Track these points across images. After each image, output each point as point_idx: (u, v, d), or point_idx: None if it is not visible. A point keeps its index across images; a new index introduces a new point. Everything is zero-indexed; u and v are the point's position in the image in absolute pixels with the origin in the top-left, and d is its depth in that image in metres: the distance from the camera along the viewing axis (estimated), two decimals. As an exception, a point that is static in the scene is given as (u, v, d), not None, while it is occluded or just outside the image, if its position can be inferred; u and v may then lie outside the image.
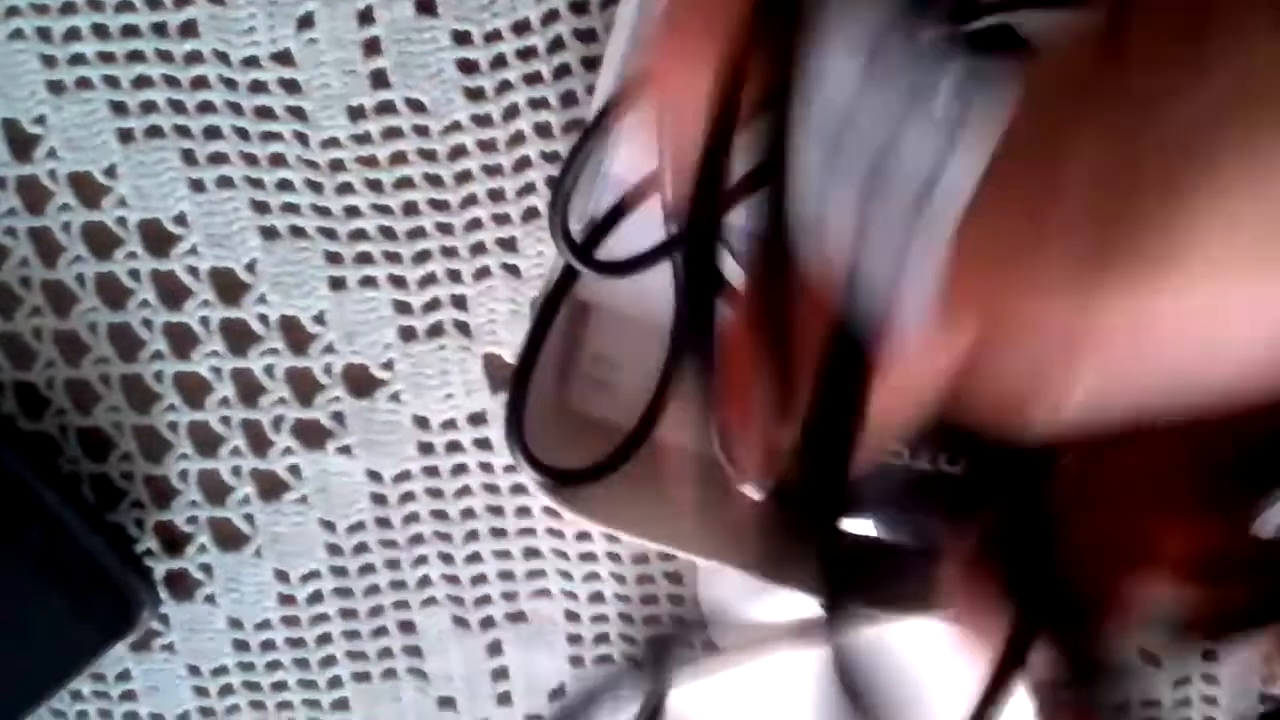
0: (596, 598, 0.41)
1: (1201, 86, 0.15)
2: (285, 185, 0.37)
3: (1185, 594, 0.19)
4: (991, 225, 0.17)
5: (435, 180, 0.37)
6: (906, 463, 0.32)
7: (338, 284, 0.38)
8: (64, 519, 0.39)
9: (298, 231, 0.38)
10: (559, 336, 0.36)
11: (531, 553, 0.41)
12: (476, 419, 0.39)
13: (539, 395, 0.35)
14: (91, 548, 0.39)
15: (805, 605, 0.38)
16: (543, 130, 0.37)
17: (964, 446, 0.22)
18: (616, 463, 0.34)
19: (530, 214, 0.38)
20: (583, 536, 0.40)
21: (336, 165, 0.37)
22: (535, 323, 0.35)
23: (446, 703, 0.42)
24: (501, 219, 0.38)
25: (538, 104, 0.37)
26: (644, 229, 0.32)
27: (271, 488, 0.40)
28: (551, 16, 0.36)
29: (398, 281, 0.38)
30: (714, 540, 0.35)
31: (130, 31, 0.36)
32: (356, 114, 0.37)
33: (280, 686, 0.42)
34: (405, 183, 0.37)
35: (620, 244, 0.32)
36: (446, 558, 0.41)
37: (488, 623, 0.41)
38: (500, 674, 0.42)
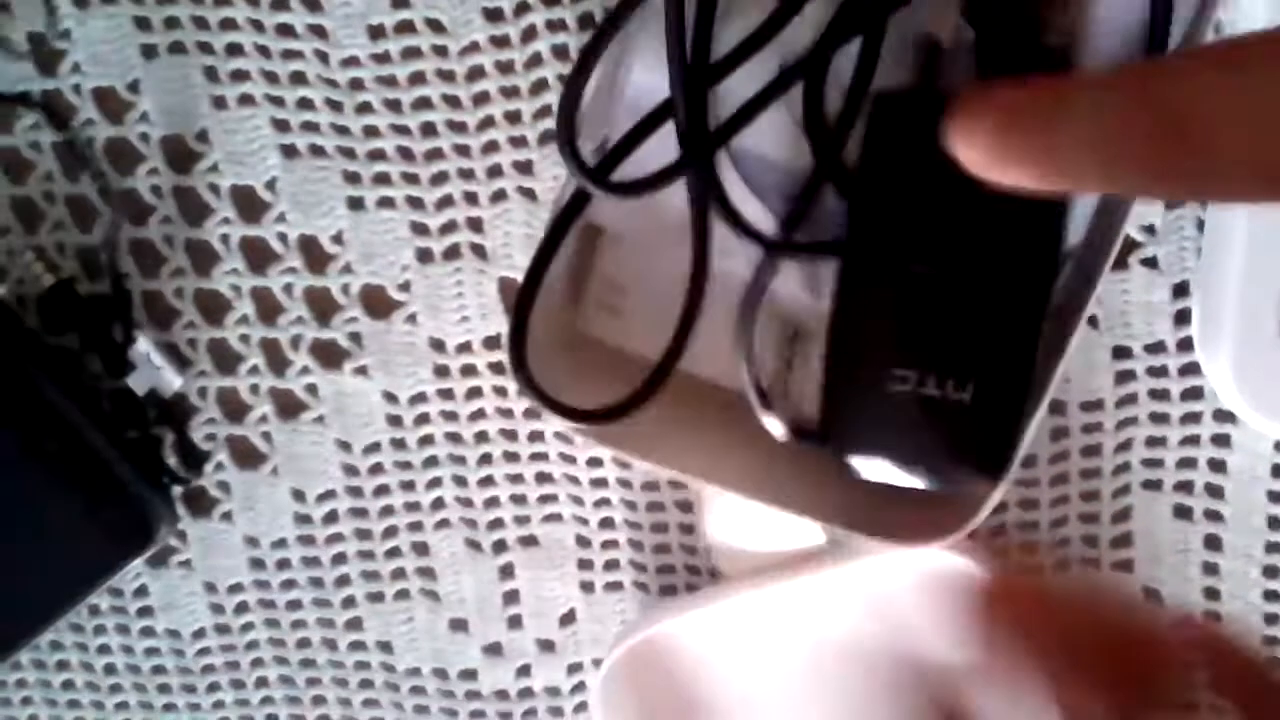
0: (607, 524, 0.41)
1: None
2: (305, 104, 0.38)
3: None
4: None
5: (453, 101, 0.38)
6: (914, 389, 0.32)
7: (356, 204, 0.39)
8: (83, 432, 0.39)
9: (317, 150, 0.38)
10: (570, 261, 0.36)
11: (544, 477, 0.41)
12: (492, 342, 0.40)
13: (548, 320, 0.34)
14: (110, 461, 0.40)
15: (807, 536, 0.39)
16: (560, 53, 0.37)
17: None
18: (640, 400, 0.34)
19: (546, 137, 0.38)
20: (594, 462, 0.41)
21: (356, 84, 0.38)
22: (542, 245, 0.35)
23: (458, 624, 0.43)
24: (518, 142, 0.38)
25: (555, 26, 0.37)
26: (661, 153, 0.32)
27: (289, 407, 0.41)
28: (571, -63, 0.36)
29: (415, 203, 0.39)
30: (732, 471, 0.35)
31: (155, -52, 0.37)
32: (377, 33, 0.37)
33: (295, 605, 0.43)
34: (423, 103, 0.38)
35: (638, 168, 0.32)
36: (460, 480, 0.41)
37: (500, 546, 0.42)
38: (511, 597, 0.42)
